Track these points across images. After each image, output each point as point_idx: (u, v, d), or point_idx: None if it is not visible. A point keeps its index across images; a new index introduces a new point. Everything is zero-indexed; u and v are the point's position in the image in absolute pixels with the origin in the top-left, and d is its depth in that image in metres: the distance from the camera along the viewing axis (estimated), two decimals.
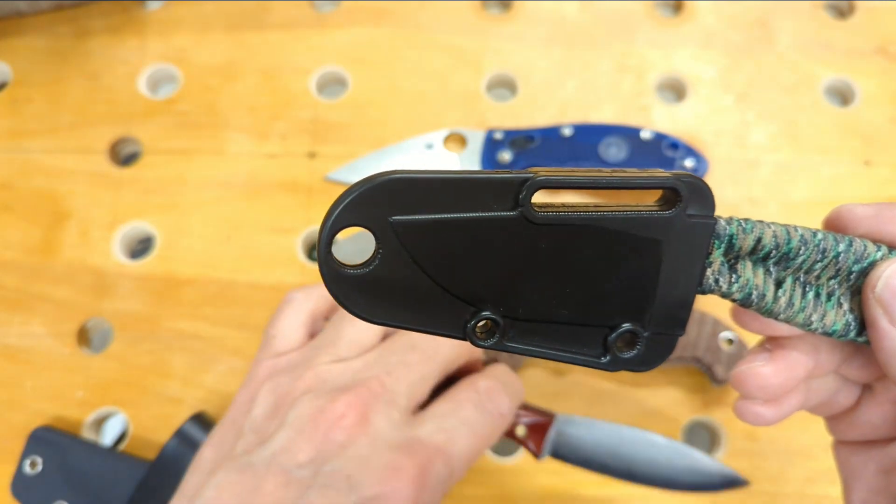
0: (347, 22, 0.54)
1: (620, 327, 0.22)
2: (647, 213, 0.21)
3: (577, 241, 0.21)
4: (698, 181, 0.21)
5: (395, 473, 0.28)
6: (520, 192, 0.20)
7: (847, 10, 0.55)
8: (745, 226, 0.22)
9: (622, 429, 0.38)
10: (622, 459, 0.38)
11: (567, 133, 0.48)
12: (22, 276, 0.47)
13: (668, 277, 0.22)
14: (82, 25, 0.54)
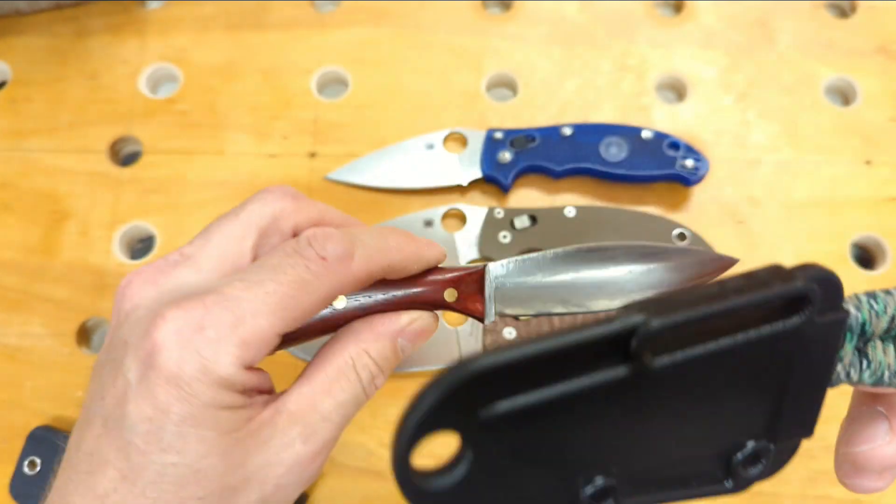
0: (347, 22, 0.54)
1: (745, 446, 0.20)
2: (773, 328, 0.18)
3: (695, 374, 0.18)
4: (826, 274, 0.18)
5: (154, 323, 0.25)
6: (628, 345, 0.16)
7: (848, 10, 0.55)
8: (877, 307, 0.19)
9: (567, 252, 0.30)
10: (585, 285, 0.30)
11: (567, 133, 0.48)
12: (22, 276, 0.47)
13: (797, 385, 0.19)
14: (82, 24, 0.54)
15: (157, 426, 0.24)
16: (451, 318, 0.46)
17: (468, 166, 0.48)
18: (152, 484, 0.24)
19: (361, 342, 0.28)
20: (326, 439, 0.27)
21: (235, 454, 0.25)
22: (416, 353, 0.44)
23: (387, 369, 0.29)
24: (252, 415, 0.26)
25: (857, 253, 0.49)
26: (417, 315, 0.30)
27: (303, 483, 0.27)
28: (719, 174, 0.49)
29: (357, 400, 0.28)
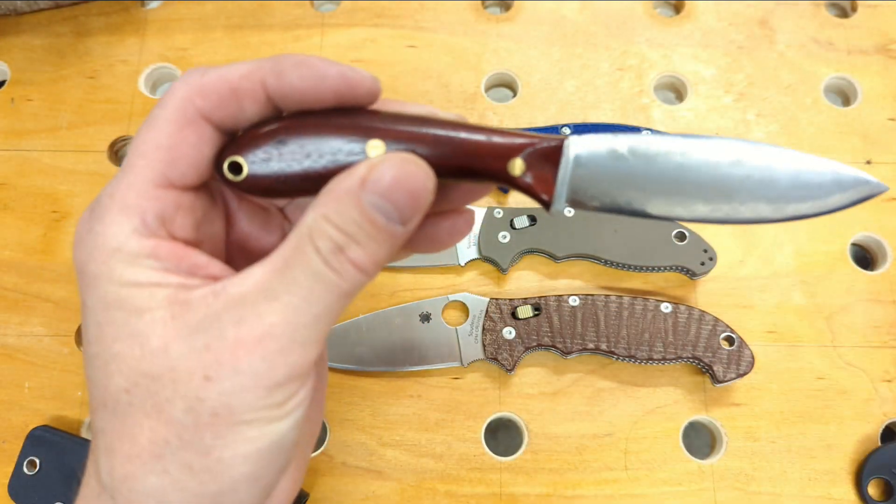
0: (347, 22, 0.54)
1: None
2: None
3: None
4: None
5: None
6: None
7: (848, 10, 0.55)
8: None
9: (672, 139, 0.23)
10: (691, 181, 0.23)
11: (567, 133, 0.48)
12: (21, 275, 0.47)
13: None
14: (81, 24, 0.54)
15: (85, 320, 0.23)
16: (451, 318, 0.46)
17: None
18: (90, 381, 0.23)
19: (320, 208, 0.23)
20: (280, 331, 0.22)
21: (152, 339, 0.22)
22: (416, 353, 0.44)
23: (363, 238, 0.22)
24: (178, 294, 0.22)
25: (857, 253, 0.49)
26: (380, 160, 0.22)
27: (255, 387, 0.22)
28: None
29: (324, 279, 0.22)
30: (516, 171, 0.23)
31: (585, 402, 0.45)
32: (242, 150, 0.23)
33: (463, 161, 0.23)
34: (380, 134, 0.23)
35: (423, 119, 0.24)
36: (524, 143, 0.23)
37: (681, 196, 0.23)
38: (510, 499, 0.43)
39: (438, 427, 0.44)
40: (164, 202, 0.23)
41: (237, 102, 0.24)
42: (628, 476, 0.43)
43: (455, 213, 0.27)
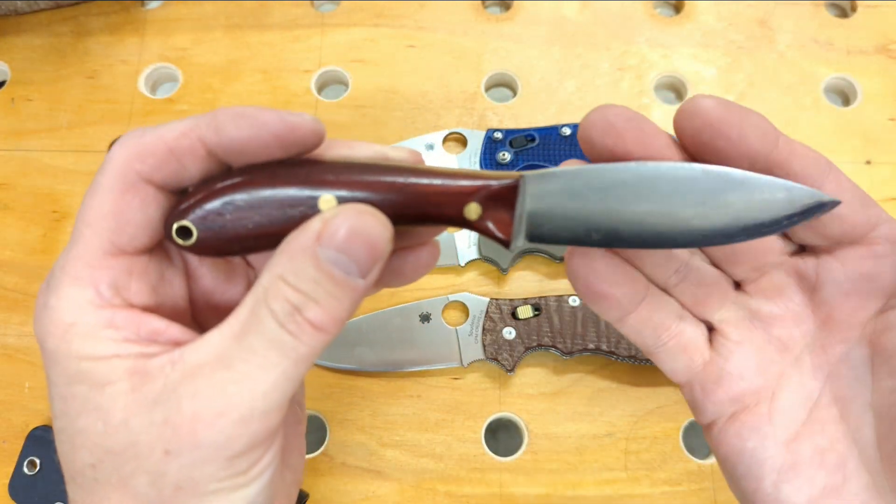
0: (347, 22, 0.54)
1: None
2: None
3: None
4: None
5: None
6: None
7: (848, 10, 0.55)
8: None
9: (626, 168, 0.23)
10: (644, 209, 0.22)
11: (567, 133, 0.48)
12: (22, 275, 0.47)
13: None
14: (81, 24, 0.54)
15: (49, 393, 0.23)
16: (451, 318, 0.46)
17: (468, 166, 0.48)
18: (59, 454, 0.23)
19: (275, 268, 0.22)
20: (238, 401, 0.21)
21: (114, 413, 0.21)
22: (416, 353, 0.44)
23: (322, 296, 0.21)
24: (137, 365, 0.22)
25: None
26: (332, 213, 0.22)
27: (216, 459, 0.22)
28: None
29: (280, 344, 0.21)
30: (472, 215, 0.23)
31: (585, 402, 0.45)
32: (189, 213, 0.22)
33: (418, 209, 0.23)
34: (331, 185, 0.22)
35: (374, 167, 0.23)
36: (478, 186, 0.23)
37: (636, 225, 0.23)
38: (510, 499, 0.43)
39: (438, 427, 0.44)
40: (115, 270, 0.23)
41: (177, 162, 0.23)
42: (628, 476, 0.43)
43: (419, 246, 0.27)
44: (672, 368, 0.27)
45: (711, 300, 0.26)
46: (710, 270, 0.26)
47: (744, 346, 0.26)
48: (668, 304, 0.26)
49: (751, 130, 0.23)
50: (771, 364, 0.26)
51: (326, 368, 0.45)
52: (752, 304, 0.26)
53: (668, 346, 0.26)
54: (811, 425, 0.25)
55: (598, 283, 0.24)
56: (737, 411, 0.26)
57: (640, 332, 0.26)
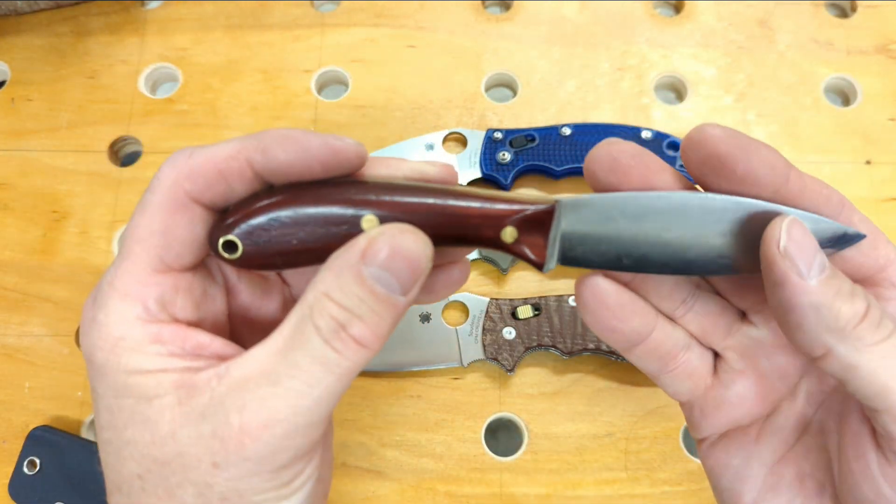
0: (347, 22, 0.54)
1: None
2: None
3: None
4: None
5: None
6: None
7: (848, 10, 0.55)
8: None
9: (658, 196, 0.23)
10: (674, 236, 0.23)
11: (567, 133, 0.48)
12: (21, 276, 0.47)
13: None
14: (81, 24, 0.54)
15: (96, 405, 0.24)
16: (451, 318, 0.46)
17: (468, 166, 0.48)
18: (104, 465, 0.24)
19: (319, 285, 0.22)
20: (283, 416, 0.22)
21: (161, 425, 0.22)
22: (416, 353, 0.44)
23: (365, 312, 0.22)
24: (184, 378, 0.23)
25: None
26: (376, 232, 0.22)
27: (261, 471, 0.22)
28: None
29: (324, 360, 0.22)
30: (508, 238, 0.24)
31: (585, 402, 0.45)
32: (234, 228, 0.23)
33: (457, 231, 0.24)
34: (374, 205, 0.23)
35: (415, 188, 0.24)
36: (515, 210, 0.24)
37: (669, 252, 0.24)
38: (510, 499, 0.43)
39: (438, 427, 0.44)
40: (163, 287, 0.24)
41: (225, 183, 0.24)
42: (628, 476, 0.43)
43: (450, 264, 0.27)
44: (675, 392, 0.27)
45: (717, 330, 0.26)
46: (716, 301, 0.26)
47: (746, 375, 0.26)
48: (676, 333, 0.26)
49: (759, 164, 0.22)
50: (770, 391, 0.26)
51: None
52: (755, 334, 0.26)
53: (673, 373, 0.26)
54: (797, 450, 0.26)
55: (608, 319, 0.25)
56: (729, 430, 0.27)
57: (646, 362, 0.26)
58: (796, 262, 0.21)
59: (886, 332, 0.21)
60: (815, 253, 0.21)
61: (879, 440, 0.22)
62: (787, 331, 0.22)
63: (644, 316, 0.25)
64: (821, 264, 0.21)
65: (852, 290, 0.22)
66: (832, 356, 0.22)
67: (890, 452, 0.22)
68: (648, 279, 0.26)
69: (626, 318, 0.25)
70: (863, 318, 0.21)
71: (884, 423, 0.22)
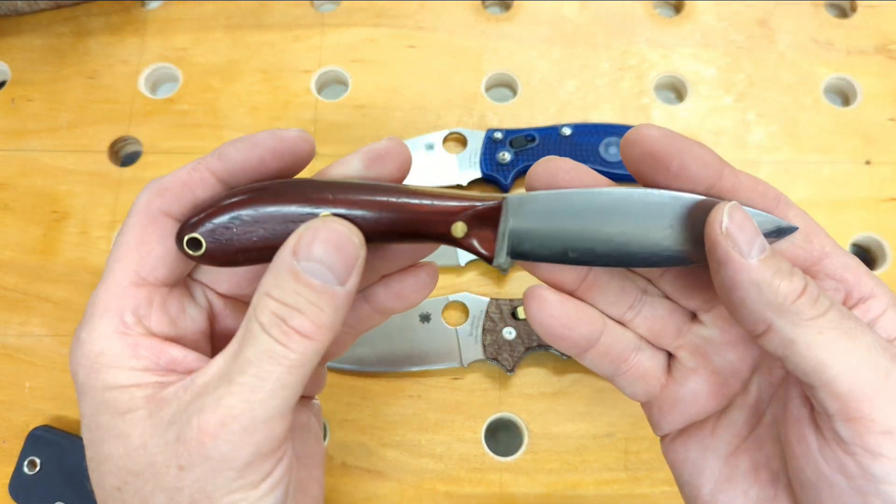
0: (347, 22, 0.54)
1: None
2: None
3: None
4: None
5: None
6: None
7: (848, 10, 0.55)
8: None
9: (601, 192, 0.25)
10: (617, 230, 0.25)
11: (567, 133, 0.48)
12: (22, 276, 0.47)
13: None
14: (82, 24, 0.54)
15: (82, 425, 0.25)
16: (451, 318, 0.46)
17: (468, 166, 0.48)
18: (92, 482, 0.25)
19: (262, 287, 0.23)
20: (239, 412, 0.22)
21: (134, 438, 0.23)
22: (416, 353, 0.44)
23: (304, 305, 0.23)
24: (154, 392, 0.24)
25: (857, 253, 0.49)
26: (305, 227, 0.23)
27: (225, 469, 0.23)
28: None
29: (271, 353, 0.23)
30: (458, 233, 0.25)
31: (585, 402, 0.45)
32: (199, 226, 0.24)
33: (409, 226, 0.25)
34: (328, 203, 0.24)
35: (370, 187, 0.25)
36: (464, 206, 0.25)
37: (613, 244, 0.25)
38: (510, 499, 0.43)
39: (438, 427, 0.44)
40: (138, 299, 0.25)
41: (191, 193, 0.26)
42: (628, 476, 0.43)
43: (416, 267, 0.29)
44: (632, 392, 0.28)
45: (667, 331, 0.28)
46: (664, 303, 0.28)
47: (699, 373, 0.27)
48: (625, 337, 0.27)
49: (691, 161, 0.24)
50: (723, 387, 0.27)
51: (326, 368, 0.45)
52: (705, 333, 0.27)
53: (626, 374, 0.28)
54: (751, 442, 0.27)
55: (555, 327, 0.26)
56: (686, 426, 0.28)
57: (598, 365, 0.28)
58: (738, 241, 0.22)
59: (823, 308, 0.22)
60: (755, 234, 0.23)
61: (817, 419, 0.23)
62: (732, 309, 0.23)
63: (591, 323, 0.27)
64: (761, 245, 0.23)
65: (790, 269, 0.23)
66: (772, 331, 0.23)
67: (827, 431, 0.23)
68: (594, 286, 0.27)
69: (573, 326, 0.26)
70: (801, 293, 0.22)
71: (821, 399, 0.22)
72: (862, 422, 0.21)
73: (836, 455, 0.22)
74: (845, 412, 0.22)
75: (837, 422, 0.22)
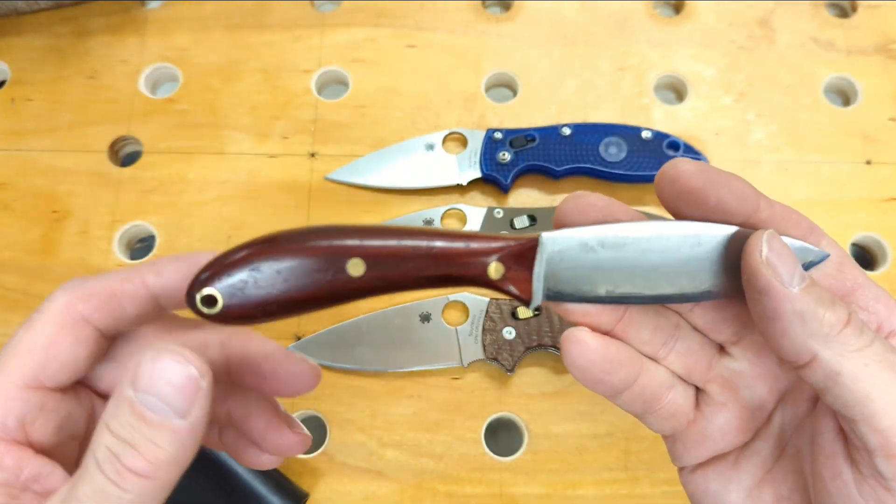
0: (347, 22, 0.54)
1: None
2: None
3: None
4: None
5: None
6: None
7: (849, 10, 0.55)
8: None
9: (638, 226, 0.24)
10: (651, 266, 0.24)
11: (567, 133, 0.48)
12: (22, 276, 0.47)
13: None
14: (82, 24, 0.54)
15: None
16: (451, 318, 0.46)
17: (468, 166, 0.48)
18: None
19: (104, 415, 0.21)
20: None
21: None
22: (416, 353, 0.44)
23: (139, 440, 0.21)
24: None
25: (857, 253, 0.49)
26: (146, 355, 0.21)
27: None
28: None
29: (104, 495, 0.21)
30: (494, 274, 0.24)
31: (585, 402, 0.45)
32: (214, 280, 0.22)
33: (444, 270, 0.23)
34: (358, 252, 0.23)
35: (398, 231, 0.23)
36: (499, 247, 0.24)
37: (650, 280, 0.24)
38: (510, 499, 0.43)
39: (438, 427, 0.44)
40: (28, 403, 0.23)
41: (118, 304, 0.24)
42: (628, 476, 0.43)
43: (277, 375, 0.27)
44: (659, 428, 0.28)
45: (699, 366, 0.27)
46: (696, 337, 0.27)
47: (728, 407, 0.27)
48: (659, 375, 0.27)
49: (729, 196, 0.23)
50: (751, 421, 0.27)
51: (327, 368, 0.45)
52: (734, 366, 0.27)
53: (658, 413, 0.27)
54: (775, 474, 0.26)
55: (596, 373, 0.25)
56: (709, 458, 0.27)
57: (632, 405, 0.27)
58: (779, 270, 0.22)
59: (868, 339, 0.22)
60: (794, 263, 0.22)
61: (854, 455, 0.23)
62: (773, 340, 0.23)
63: (630, 365, 0.26)
64: (801, 274, 0.22)
65: (832, 298, 0.22)
66: (817, 362, 0.22)
67: (865, 467, 0.22)
68: (631, 324, 0.26)
69: (614, 371, 0.25)
70: (846, 324, 0.22)
71: (861, 433, 0.22)
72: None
73: (874, 492, 0.22)
74: (887, 448, 0.21)
75: (878, 457, 0.21)
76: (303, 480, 0.43)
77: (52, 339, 0.23)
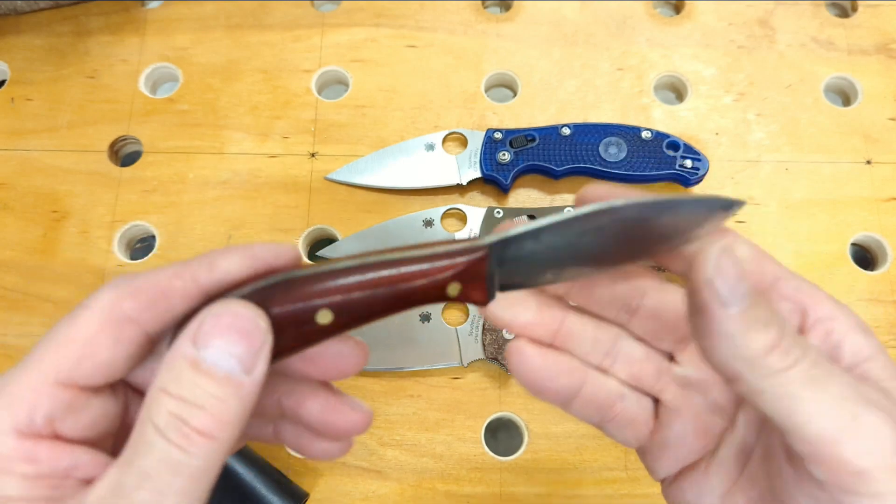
0: (347, 22, 0.54)
1: None
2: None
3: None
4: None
5: None
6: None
7: (849, 9, 0.55)
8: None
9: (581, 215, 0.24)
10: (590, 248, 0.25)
11: (567, 133, 0.48)
12: (22, 276, 0.47)
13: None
14: (81, 24, 0.54)
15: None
16: (451, 318, 0.46)
17: (468, 166, 0.48)
18: None
19: (156, 381, 0.20)
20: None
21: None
22: (416, 352, 0.44)
23: (204, 398, 0.20)
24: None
25: (857, 253, 0.49)
26: (205, 312, 0.21)
27: None
28: (719, 174, 0.49)
29: (170, 462, 0.20)
30: (453, 292, 0.25)
31: None
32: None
33: (408, 304, 0.24)
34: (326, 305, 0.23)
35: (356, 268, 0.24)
36: (453, 269, 0.24)
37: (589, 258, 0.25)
38: (510, 499, 0.43)
39: (438, 427, 0.44)
40: (58, 402, 0.22)
41: (167, 302, 0.23)
42: (628, 476, 0.43)
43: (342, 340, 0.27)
44: (623, 439, 0.28)
45: (646, 374, 0.27)
46: (639, 347, 0.27)
47: (682, 414, 0.27)
48: (608, 384, 0.27)
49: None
50: (709, 426, 0.27)
51: None
52: (682, 373, 0.27)
53: (614, 421, 0.27)
54: (745, 478, 0.27)
55: (537, 380, 0.26)
56: (682, 468, 0.28)
57: (586, 414, 0.27)
58: (720, 291, 0.22)
59: (793, 360, 0.22)
60: (738, 282, 0.22)
61: (792, 458, 0.23)
62: (703, 352, 0.23)
63: (571, 374, 0.26)
64: (742, 293, 0.22)
65: (769, 319, 0.22)
66: (741, 381, 0.22)
67: (801, 469, 0.23)
68: (570, 335, 0.27)
69: (554, 378, 0.26)
70: (773, 347, 0.22)
71: (791, 443, 0.22)
72: (832, 464, 0.21)
73: (812, 490, 0.23)
74: (816, 455, 0.22)
75: (809, 464, 0.22)
76: (303, 480, 0.43)
77: (91, 337, 0.22)
